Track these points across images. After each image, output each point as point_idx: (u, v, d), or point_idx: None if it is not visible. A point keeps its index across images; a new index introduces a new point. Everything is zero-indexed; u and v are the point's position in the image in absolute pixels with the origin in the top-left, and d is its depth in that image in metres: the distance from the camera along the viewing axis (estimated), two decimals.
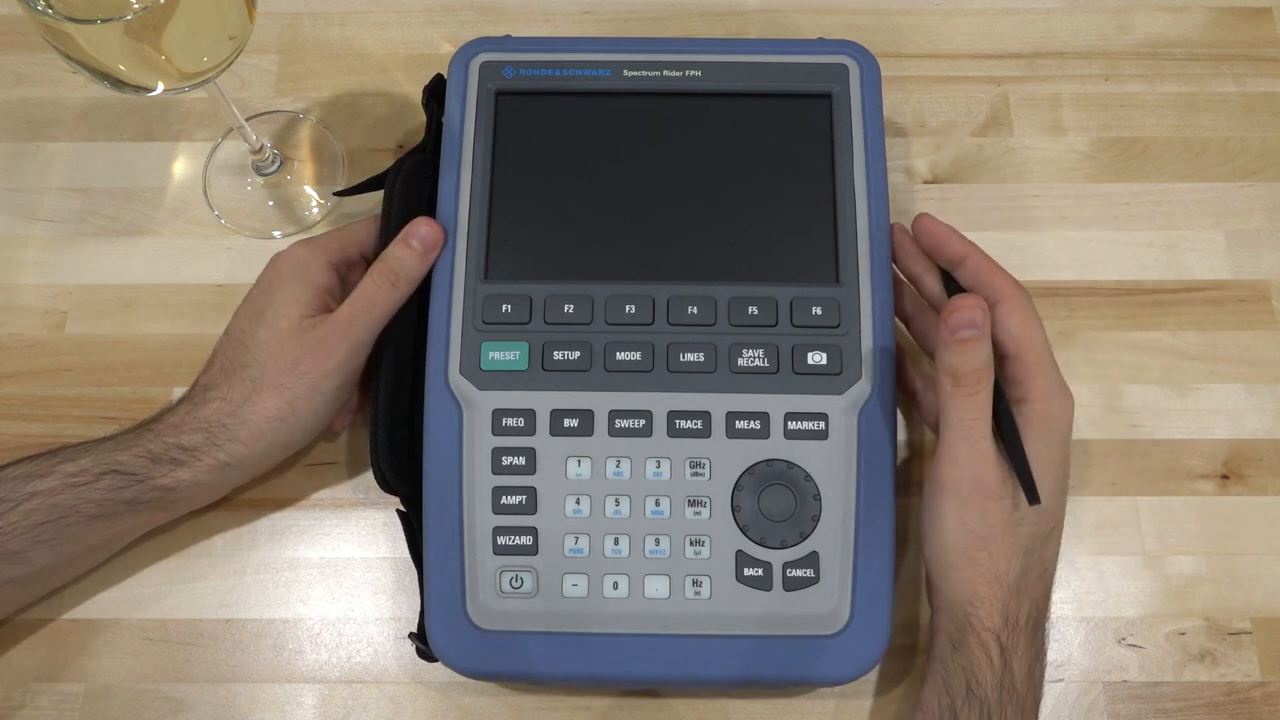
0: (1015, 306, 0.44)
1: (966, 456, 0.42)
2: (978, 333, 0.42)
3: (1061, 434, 0.44)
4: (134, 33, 0.41)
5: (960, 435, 0.42)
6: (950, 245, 0.46)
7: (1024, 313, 0.44)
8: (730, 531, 0.45)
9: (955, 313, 0.42)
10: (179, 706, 0.48)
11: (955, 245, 0.46)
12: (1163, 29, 0.61)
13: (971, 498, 0.42)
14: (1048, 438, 0.43)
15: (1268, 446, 0.52)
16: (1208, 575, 0.50)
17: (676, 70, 0.52)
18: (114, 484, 0.44)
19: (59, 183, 0.58)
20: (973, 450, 0.42)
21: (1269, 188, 0.57)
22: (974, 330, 0.42)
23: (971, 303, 0.42)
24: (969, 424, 0.42)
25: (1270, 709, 0.48)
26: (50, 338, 0.54)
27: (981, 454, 0.42)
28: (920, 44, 0.61)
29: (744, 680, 0.44)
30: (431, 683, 0.48)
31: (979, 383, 0.42)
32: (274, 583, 0.50)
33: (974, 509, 0.42)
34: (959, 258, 0.46)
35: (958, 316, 0.42)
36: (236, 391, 0.46)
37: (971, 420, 0.42)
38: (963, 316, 0.42)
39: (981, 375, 0.42)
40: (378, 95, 0.60)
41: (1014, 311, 0.44)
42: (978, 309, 0.42)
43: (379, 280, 0.47)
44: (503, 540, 0.45)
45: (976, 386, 0.42)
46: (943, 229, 0.47)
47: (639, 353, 0.47)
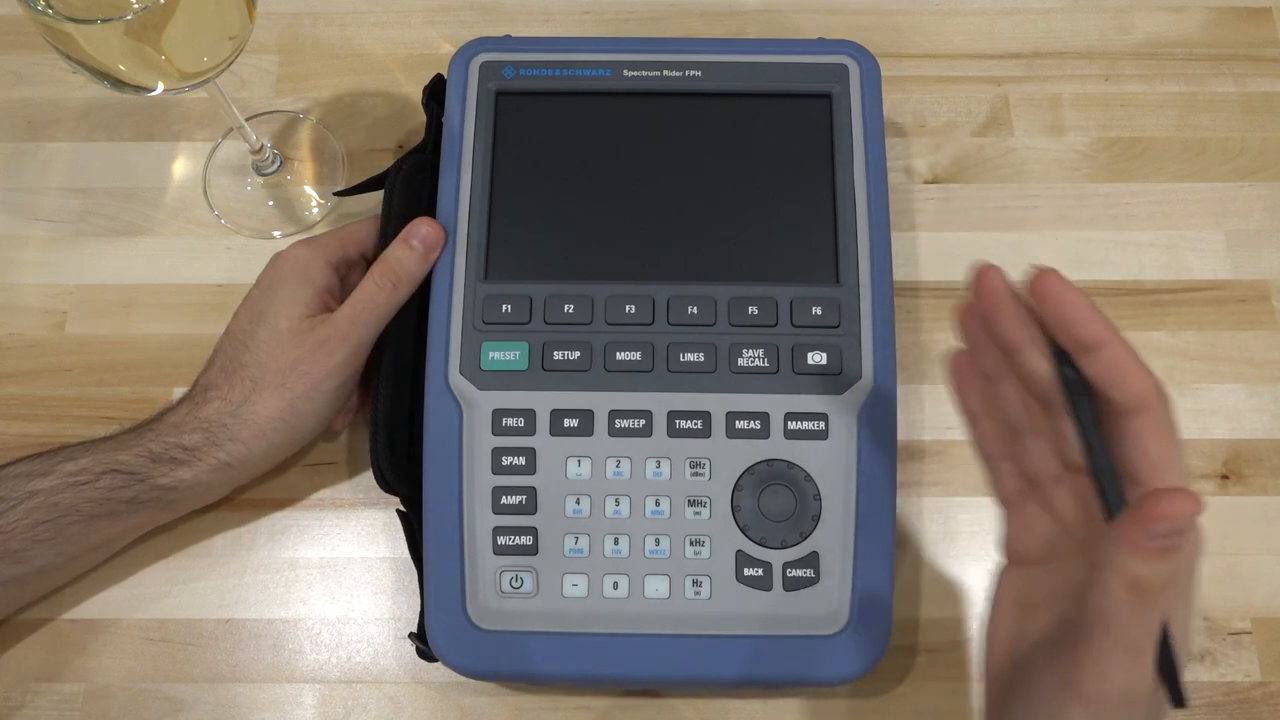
0: (1157, 422, 0.33)
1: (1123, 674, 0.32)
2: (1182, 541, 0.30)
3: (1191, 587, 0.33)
4: (134, 33, 0.41)
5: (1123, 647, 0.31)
6: (1087, 324, 0.33)
7: (1166, 432, 0.33)
8: (730, 531, 0.45)
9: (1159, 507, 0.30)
10: (179, 706, 0.48)
11: (1093, 325, 0.33)
12: (1163, 29, 0.61)
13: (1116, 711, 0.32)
14: None
15: (1268, 446, 0.52)
16: (1208, 575, 0.50)
17: (676, 70, 0.52)
18: (114, 483, 0.44)
19: (59, 183, 0.58)
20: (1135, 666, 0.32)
21: (1269, 188, 0.57)
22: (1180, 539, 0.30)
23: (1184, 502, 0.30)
24: (1137, 639, 0.31)
25: (1270, 709, 0.48)
26: (50, 338, 0.54)
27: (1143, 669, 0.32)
28: (920, 44, 0.61)
29: (744, 680, 0.44)
30: (431, 683, 0.48)
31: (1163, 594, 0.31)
32: (274, 583, 0.50)
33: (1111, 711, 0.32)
34: (1093, 343, 0.33)
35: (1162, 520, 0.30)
36: (237, 391, 0.46)
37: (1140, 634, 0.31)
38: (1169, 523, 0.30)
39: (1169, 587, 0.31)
40: (378, 95, 0.60)
41: (1155, 429, 0.33)
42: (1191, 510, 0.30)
43: (380, 280, 0.47)
44: (503, 540, 0.45)
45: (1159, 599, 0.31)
46: (1078, 299, 0.34)
47: (639, 353, 0.47)
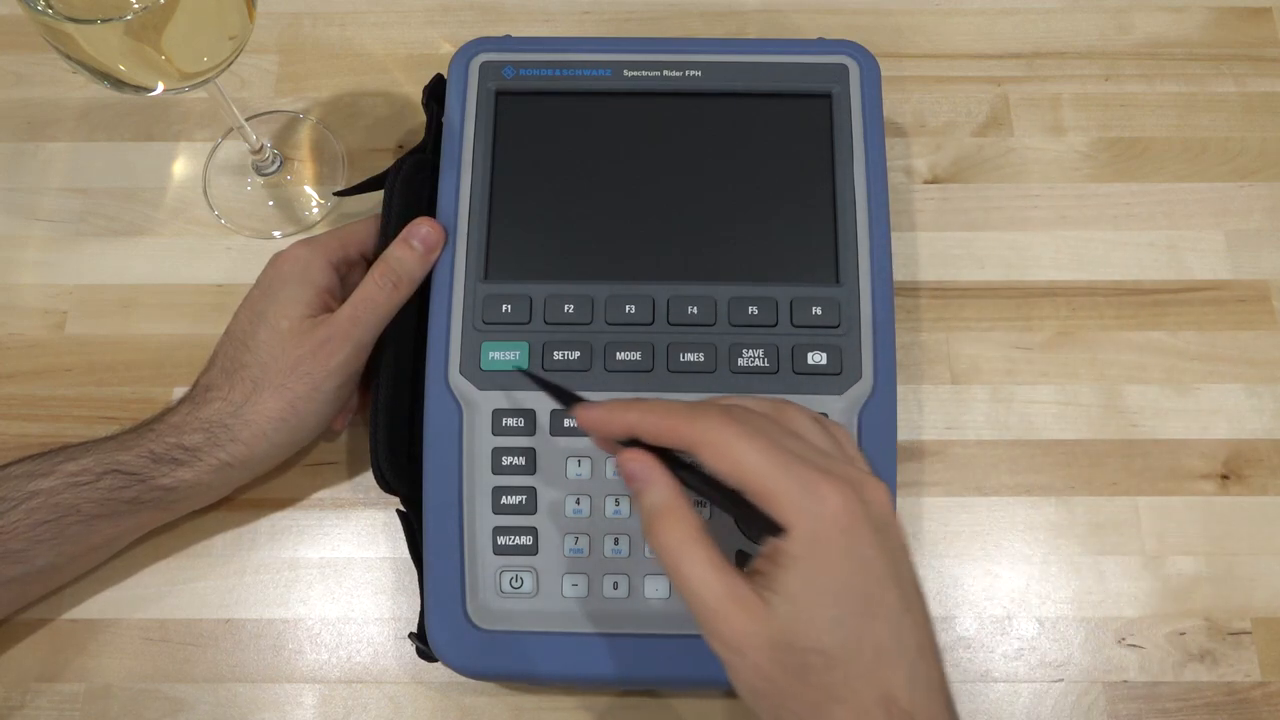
0: (709, 447, 0.36)
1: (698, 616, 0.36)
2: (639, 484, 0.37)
3: (829, 550, 0.35)
4: (134, 33, 0.41)
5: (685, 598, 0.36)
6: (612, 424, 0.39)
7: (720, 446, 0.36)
8: (730, 531, 0.45)
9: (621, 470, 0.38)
10: (179, 706, 0.48)
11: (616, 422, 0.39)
12: (1163, 29, 0.61)
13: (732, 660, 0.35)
14: (806, 563, 0.35)
15: (1268, 446, 0.52)
16: (1208, 575, 0.50)
17: (676, 70, 0.52)
18: (115, 483, 0.44)
19: (59, 183, 0.58)
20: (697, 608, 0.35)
21: (1269, 188, 0.57)
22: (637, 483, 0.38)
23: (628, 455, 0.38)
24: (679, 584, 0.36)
25: (1270, 709, 0.48)
26: (50, 338, 0.54)
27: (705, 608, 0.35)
28: (920, 44, 0.61)
29: None
30: (431, 683, 0.48)
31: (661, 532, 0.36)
32: (274, 583, 0.50)
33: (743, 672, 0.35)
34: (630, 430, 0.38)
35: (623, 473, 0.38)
36: (237, 392, 0.46)
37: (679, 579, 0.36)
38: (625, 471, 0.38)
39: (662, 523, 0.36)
40: (378, 95, 0.60)
41: (711, 453, 0.36)
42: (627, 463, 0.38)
43: (380, 281, 0.47)
44: (503, 540, 0.45)
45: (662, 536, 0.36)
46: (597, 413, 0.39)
47: (639, 353, 0.47)
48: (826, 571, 0.35)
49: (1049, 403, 0.53)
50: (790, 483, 0.35)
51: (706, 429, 0.37)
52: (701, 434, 0.37)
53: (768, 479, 0.35)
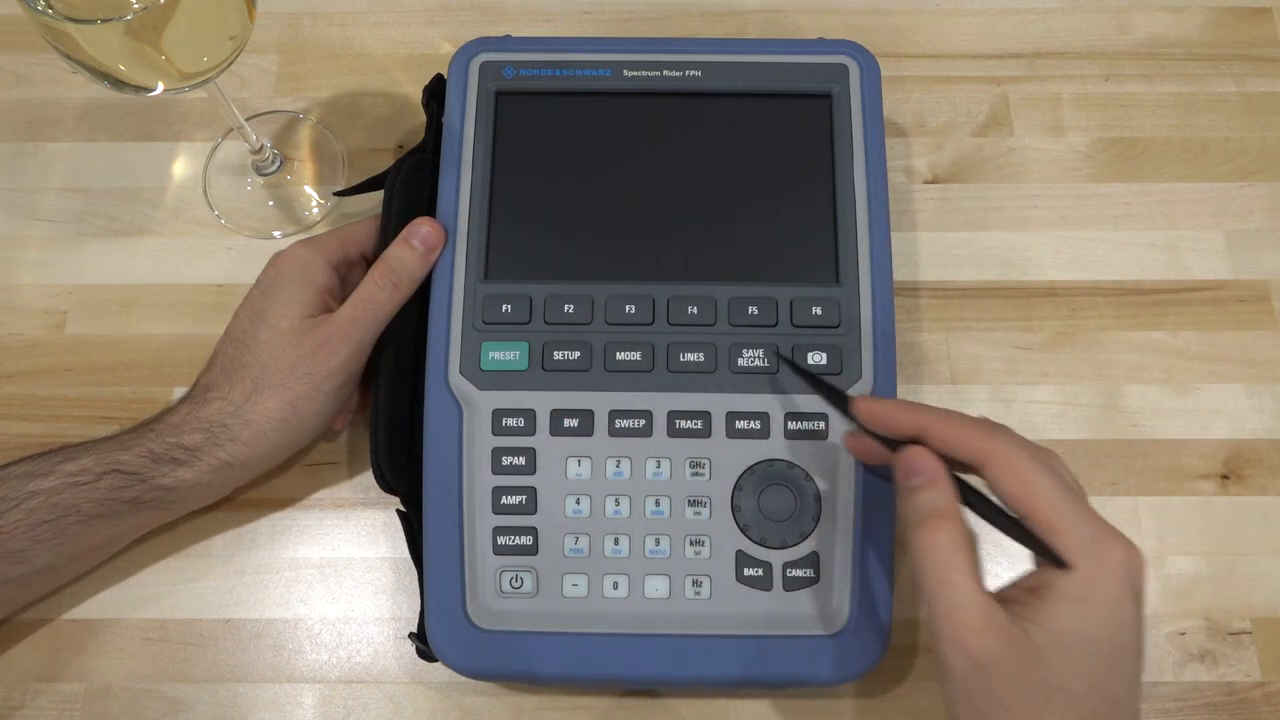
0: (1003, 464, 0.37)
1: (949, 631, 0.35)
2: (923, 480, 0.38)
3: (1104, 600, 0.35)
4: (134, 33, 0.41)
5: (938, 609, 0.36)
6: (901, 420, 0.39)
7: (1016, 468, 0.36)
8: (730, 531, 0.45)
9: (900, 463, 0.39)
10: (179, 706, 0.48)
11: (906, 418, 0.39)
12: (1163, 29, 0.61)
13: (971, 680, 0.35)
14: (1082, 607, 0.35)
15: (1268, 446, 0.52)
16: (1208, 575, 0.50)
17: (676, 70, 0.52)
18: (115, 483, 0.44)
19: (59, 183, 0.58)
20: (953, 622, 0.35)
21: (1269, 188, 0.57)
22: (918, 479, 0.38)
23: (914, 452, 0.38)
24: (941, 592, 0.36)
25: (1270, 709, 0.48)
26: (50, 338, 0.54)
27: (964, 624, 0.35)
28: (920, 44, 0.61)
29: (744, 680, 0.44)
30: (431, 683, 0.48)
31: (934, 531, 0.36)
32: (274, 583, 0.50)
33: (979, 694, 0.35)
34: (917, 432, 0.39)
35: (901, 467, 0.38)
36: (237, 392, 0.46)
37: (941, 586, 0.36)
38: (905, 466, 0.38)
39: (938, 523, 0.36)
40: (378, 95, 0.60)
41: (1003, 471, 0.37)
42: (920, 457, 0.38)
43: (380, 281, 0.47)
44: (503, 540, 0.45)
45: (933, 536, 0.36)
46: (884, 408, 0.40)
47: (639, 353, 0.47)
48: (1093, 619, 0.35)
49: (1049, 403, 0.53)
50: (1079, 523, 0.36)
51: (1006, 447, 0.37)
52: (1001, 451, 0.37)
53: (1057, 513, 0.36)
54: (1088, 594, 0.35)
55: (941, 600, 0.35)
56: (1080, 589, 0.35)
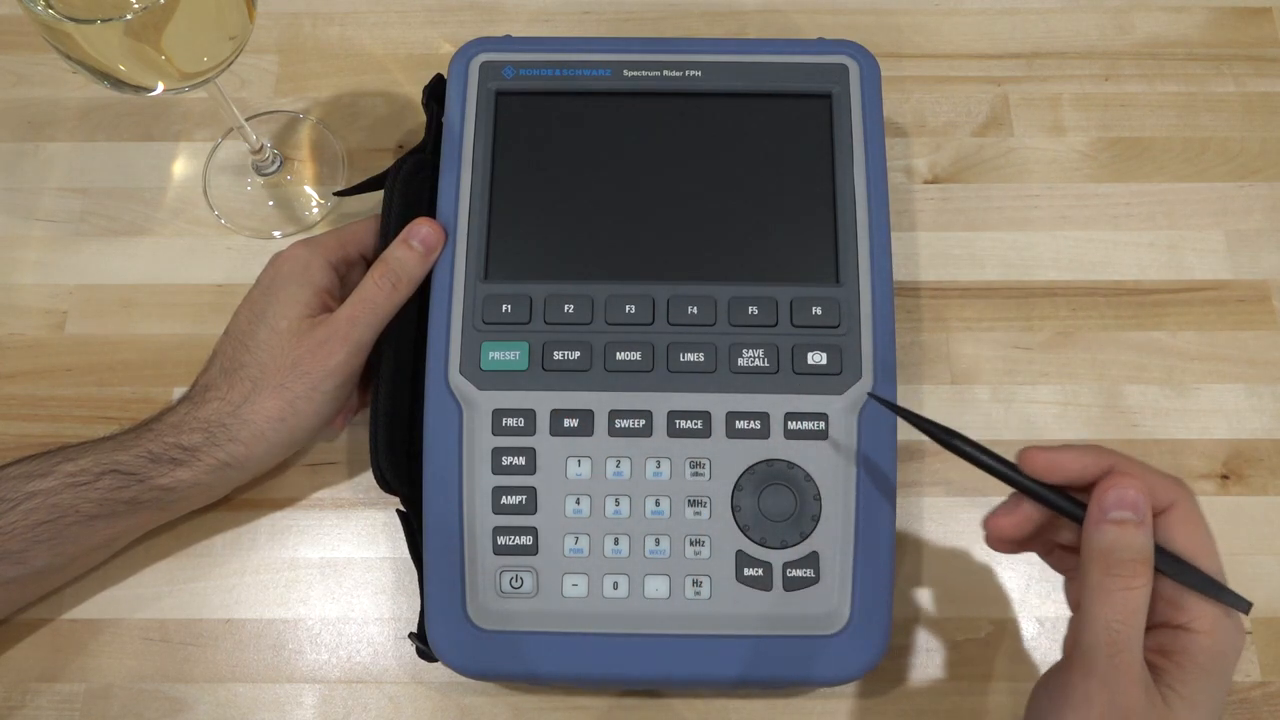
0: (1184, 514, 0.36)
1: (1108, 670, 0.34)
2: (1135, 516, 0.35)
3: (1227, 674, 0.35)
4: (134, 33, 0.41)
5: (1105, 639, 0.34)
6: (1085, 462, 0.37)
7: (1194, 523, 0.36)
8: (730, 531, 0.45)
9: (1108, 491, 0.35)
10: (179, 706, 0.48)
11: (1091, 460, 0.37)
12: (1163, 29, 0.61)
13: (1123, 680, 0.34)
14: (1211, 678, 0.35)
15: (1268, 446, 0.52)
16: None
17: (676, 70, 0.52)
18: (114, 484, 0.44)
19: (59, 183, 0.58)
20: (1115, 664, 0.34)
21: (1269, 188, 0.57)
22: (1130, 513, 0.35)
23: (1126, 481, 0.35)
24: (1116, 629, 0.34)
25: (1270, 709, 0.48)
26: (50, 338, 0.54)
27: (1126, 669, 0.34)
28: (920, 44, 0.61)
29: (744, 680, 0.44)
30: (431, 683, 0.48)
31: (1135, 576, 0.34)
32: (274, 583, 0.50)
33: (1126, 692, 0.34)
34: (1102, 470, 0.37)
35: (1111, 495, 0.35)
36: (236, 392, 0.46)
37: (1119, 624, 0.34)
38: (1117, 495, 0.35)
39: (1138, 569, 0.35)
40: (378, 95, 0.60)
41: (1182, 521, 0.36)
42: (1133, 489, 0.35)
43: (380, 281, 0.47)
44: (503, 540, 0.45)
45: (1132, 581, 0.34)
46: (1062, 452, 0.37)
47: (639, 353, 0.47)
48: (1217, 688, 0.35)
49: (1049, 403, 0.53)
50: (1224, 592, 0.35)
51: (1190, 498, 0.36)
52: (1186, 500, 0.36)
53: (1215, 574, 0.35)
54: (1219, 668, 0.35)
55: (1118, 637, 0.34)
56: (1214, 661, 0.35)
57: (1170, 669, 0.35)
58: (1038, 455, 0.37)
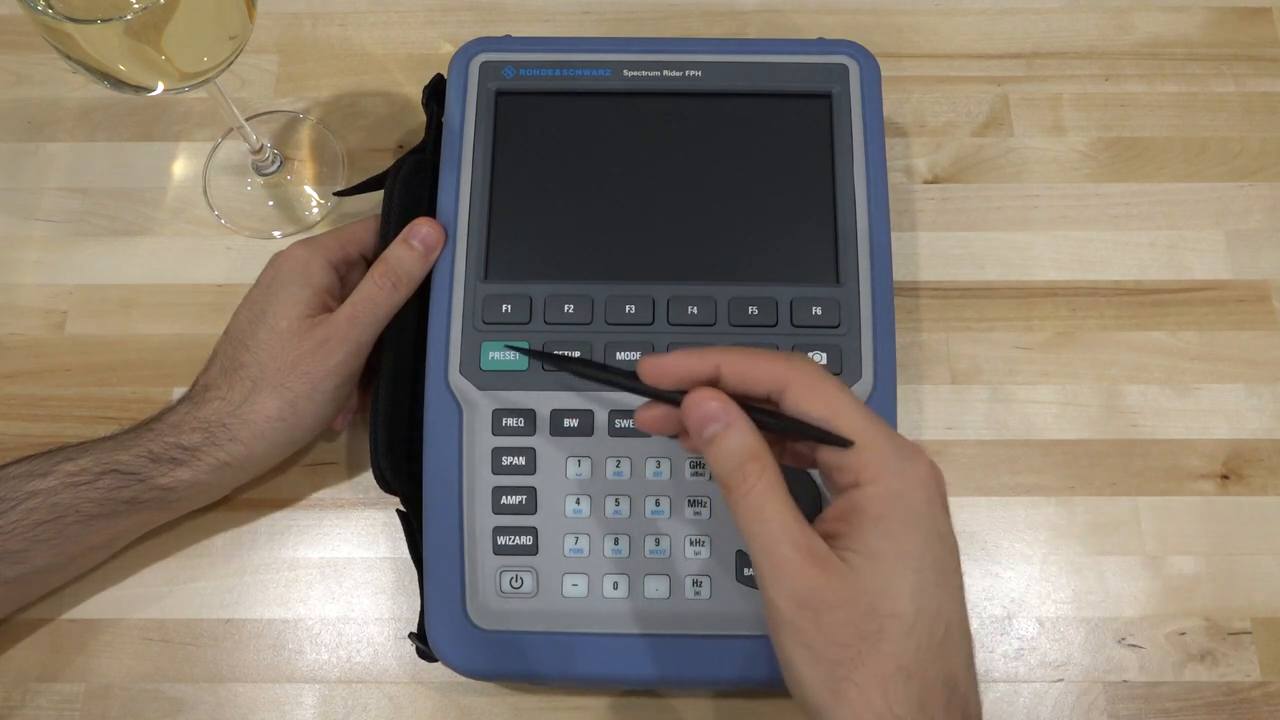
0: (804, 386, 0.35)
1: (771, 570, 0.34)
2: (721, 424, 0.35)
3: (914, 513, 0.34)
4: (134, 33, 0.41)
5: (758, 549, 0.34)
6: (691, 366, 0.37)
7: (814, 388, 0.35)
8: (730, 531, 0.45)
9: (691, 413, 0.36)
10: (179, 706, 0.48)
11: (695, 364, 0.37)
12: (1163, 29, 0.61)
13: (800, 618, 0.33)
14: (891, 523, 0.34)
15: (1268, 446, 0.52)
16: (1208, 575, 0.50)
17: (676, 70, 0.52)
18: (114, 483, 0.44)
19: (59, 183, 0.58)
20: (773, 561, 0.34)
21: (1269, 188, 0.57)
22: (716, 424, 0.35)
23: (701, 395, 0.35)
24: (759, 531, 0.34)
25: (1270, 709, 0.48)
26: (50, 338, 0.54)
27: (784, 561, 0.33)
28: (920, 44, 0.61)
29: (744, 680, 0.44)
30: (431, 683, 0.48)
31: (747, 477, 0.35)
32: (274, 583, 0.50)
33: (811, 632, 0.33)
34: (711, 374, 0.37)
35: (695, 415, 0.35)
36: (236, 391, 0.46)
37: (759, 526, 0.34)
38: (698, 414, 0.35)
39: (748, 468, 0.35)
40: (378, 95, 0.60)
41: (803, 393, 0.35)
42: (711, 400, 0.35)
43: (380, 280, 0.47)
44: (503, 540, 0.45)
45: (746, 481, 0.35)
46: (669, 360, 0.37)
47: (639, 353, 0.47)
48: (909, 536, 0.34)
49: (1049, 403, 0.53)
50: (881, 440, 0.35)
51: (805, 370, 0.36)
52: (800, 374, 0.35)
53: (860, 429, 0.35)
54: (895, 510, 0.34)
55: (765, 543, 0.34)
56: (886, 506, 0.34)
57: (845, 531, 0.34)
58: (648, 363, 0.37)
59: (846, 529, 0.34)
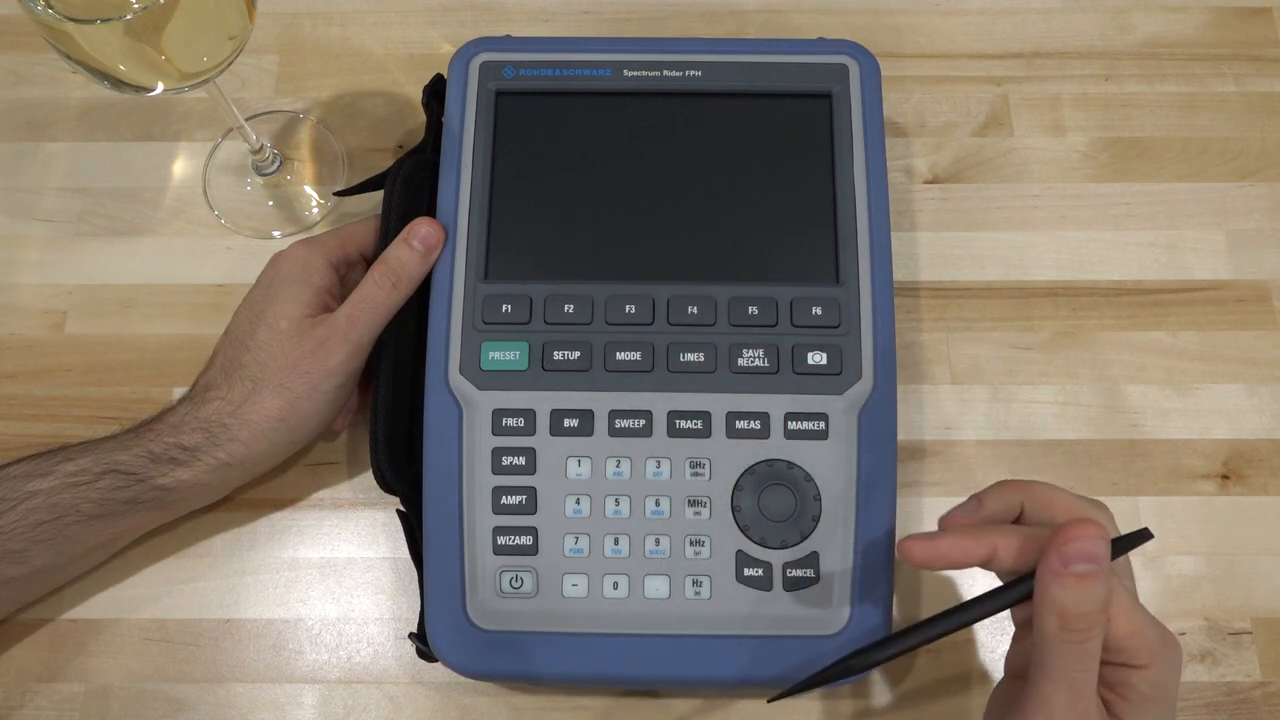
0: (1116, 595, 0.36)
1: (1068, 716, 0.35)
2: (1096, 568, 0.34)
3: (1171, 697, 0.36)
4: (134, 33, 0.41)
5: (1064, 688, 0.35)
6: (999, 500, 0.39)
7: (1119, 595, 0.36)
8: (730, 531, 0.45)
9: (1070, 542, 0.35)
10: (179, 706, 0.48)
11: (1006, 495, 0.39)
12: (1163, 29, 0.61)
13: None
14: (1156, 704, 0.36)
15: (1268, 446, 0.52)
16: (1208, 575, 0.50)
17: (676, 70, 0.52)
18: (114, 484, 0.44)
19: (59, 183, 0.58)
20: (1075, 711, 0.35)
21: (1269, 188, 0.57)
22: (1092, 565, 0.34)
23: (1089, 531, 0.35)
24: (1075, 677, 0.35)
25: (1270, 709, 0.48)
26: (50, 338, 0.54)
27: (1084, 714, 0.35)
28: (920, 44, 0.61)
29: (744, 680, 0.44)
30: (431, 683, 0.48)
31: (1094, 628, 0.34)
32: (274, 583, 0.50)
33: None
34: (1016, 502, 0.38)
35: (1073, 547, 0.34)
36: (237, 391, 0.46)
37: (1079, 674, 0.35)
38: (1079, 547, 0.34)
39: (1096, 620, 0.34)
40: (378, 95, 0.60)
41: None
42: (1098, 539, 0.35)
43: (380, 280, 0.47)
44: (503, 540, 0.45)
45: (1089, 633, 0.34)
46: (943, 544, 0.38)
47: (639, 353, 0.47)
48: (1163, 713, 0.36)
49: (1049, 403, 0.53)
50: (1149, 625, 0.36)
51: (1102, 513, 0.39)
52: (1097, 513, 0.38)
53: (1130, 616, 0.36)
54: (1162, 695, 0.36)
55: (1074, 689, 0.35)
56: (1156, 690, 0.36)
57: (1118, 703, 0.36)
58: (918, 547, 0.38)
59: (1118, 701, 0.36)
